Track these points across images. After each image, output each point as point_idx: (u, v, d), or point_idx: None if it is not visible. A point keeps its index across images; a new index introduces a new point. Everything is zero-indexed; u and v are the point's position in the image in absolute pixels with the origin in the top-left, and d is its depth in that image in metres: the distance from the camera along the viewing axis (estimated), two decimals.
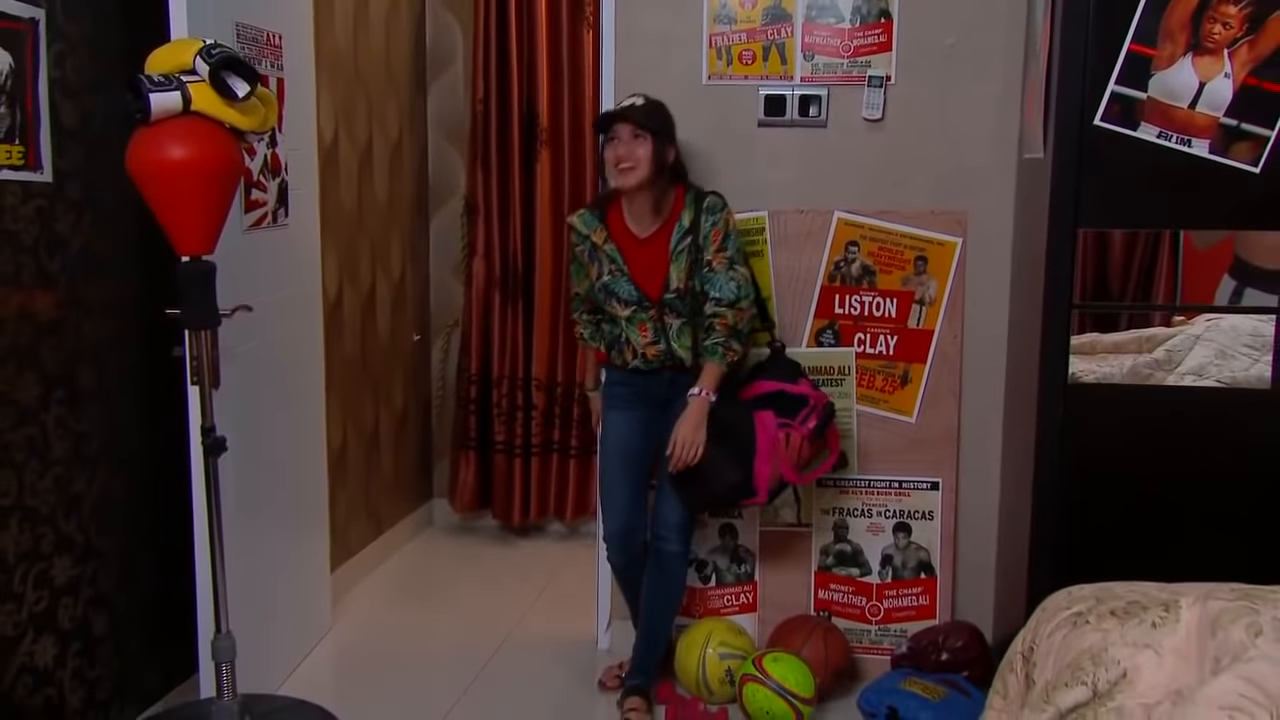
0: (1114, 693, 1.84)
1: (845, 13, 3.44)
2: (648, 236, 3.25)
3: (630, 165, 3.13)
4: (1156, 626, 1.93)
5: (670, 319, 3.24)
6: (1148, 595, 2.12)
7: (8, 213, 2.65)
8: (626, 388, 3.40)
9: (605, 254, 3.27)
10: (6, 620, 2.70)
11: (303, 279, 3.70)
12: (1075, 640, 2.04)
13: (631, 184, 3.14)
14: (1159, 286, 3.53)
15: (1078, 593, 2.27)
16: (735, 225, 3.29)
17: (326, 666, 3.75)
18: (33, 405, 2.76)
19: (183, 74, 2.55)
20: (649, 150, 3.13)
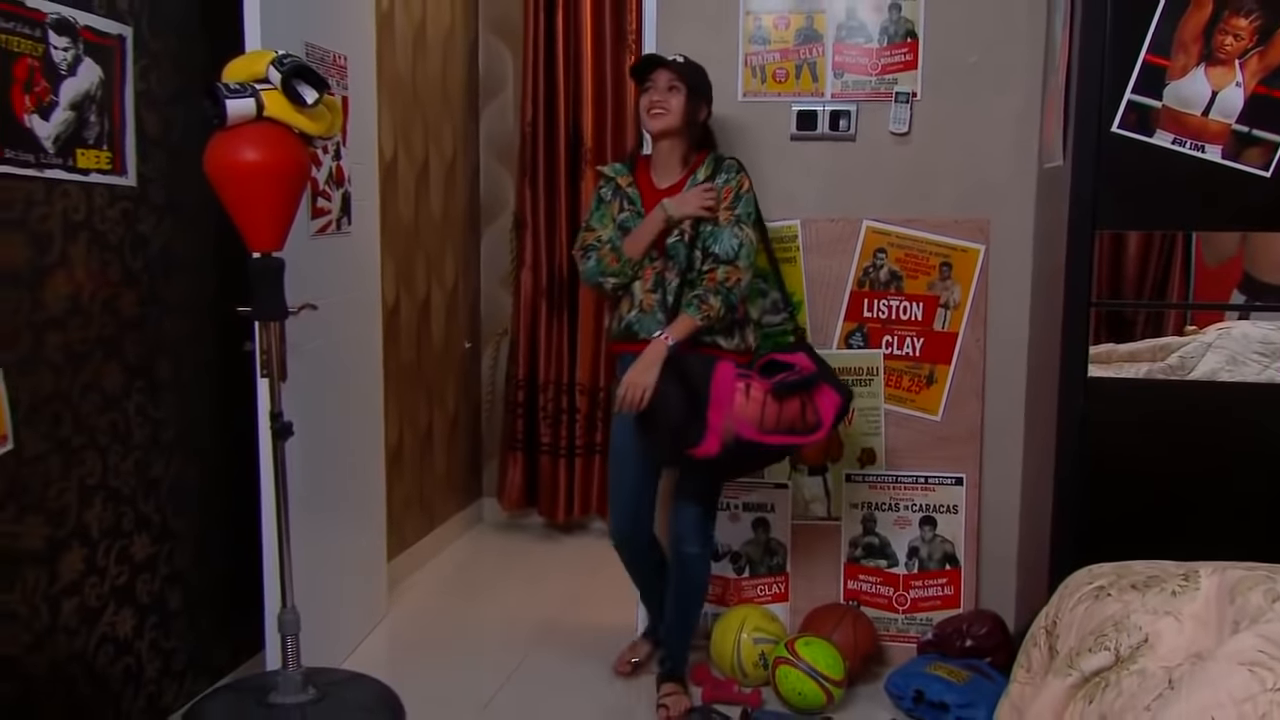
0: (1136, 656, 1.82)
1: (873, 33, 3.44)
2: (666, 187, 3.18)
3: (662, 111, 3.09)
4: (1176, 594, 1.91)
5: (670, 274, 3.12)
6: (1166, 570, 2.10)
7: (96, 213, 2.69)
8: None
9: (626, 195, 3.21)
10: (91, 592, 2.73)
11: (363, 284, 3.72)
12: (1098, 610, 2.02)
13: (659, 128, 3.11)
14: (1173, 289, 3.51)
15: (1098, 570, 2.25)
16: (752, 191, 3.17)
17: (383, 648, 3.75)
18: (116, 394, 2.79)
19: (256, 82, 2.58)
20: (682, 101, 3.09)
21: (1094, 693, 1.81)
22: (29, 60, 2.44)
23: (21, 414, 2.48)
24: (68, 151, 2.57)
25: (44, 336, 2.54)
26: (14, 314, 2.45)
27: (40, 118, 2.48)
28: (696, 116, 3.15)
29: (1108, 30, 2.75)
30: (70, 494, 2.64)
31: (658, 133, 3.14)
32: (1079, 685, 1.86)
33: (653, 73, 3.13)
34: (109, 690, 2.81)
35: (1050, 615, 2.22)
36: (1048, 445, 3.07)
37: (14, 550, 2.48)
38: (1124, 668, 1.80)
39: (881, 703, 3.29)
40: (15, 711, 2.50)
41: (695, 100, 3.13)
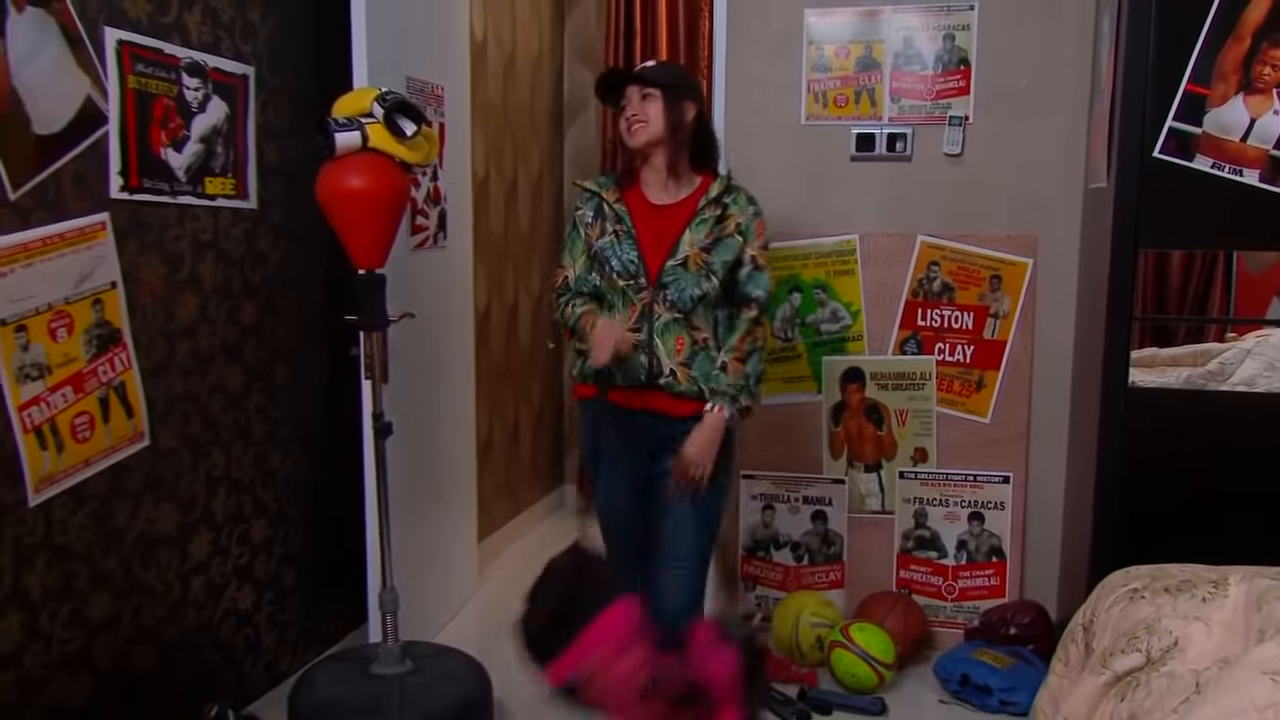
0: (1166, 659, 1.80)
1: (929, 61, 3.41)
2: (664, 205, 2.57)
3: (641, 122, 2.53)
4: (1206, 601, 1.89)
5: (660, 308, 2.50)
6: (1198, 575, 2.07)
7: (221, 234, 2.77)
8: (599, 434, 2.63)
9: (613, 212, 2.57)
10: (216, 571, 2.82)
11: (457, 293, 3.78)
12: (1132, 612, 2.01)
13: (641, 142, 2.53)
14: (1213, 306, 3.43)
15: (1135, 572, 2.23)
16: None
17: (473, 622, 3.80)
18: (238, 394, 2.87)
19: (362, 116, 2.61)
20: (660, 107, 2.52)
21: (1125, 691, 1.80)
22: (165, 100, 2.53)
23: (156, 413, 2.57)
24: (197, 180, 2.65)
25: (176, 344, 2.63)
26: (150, 324, 2.54)
27: (174, 151, 2.57)
28: (681, 118, 2.56)
29: (1150, 61, 2.69)
30: (198, 484, 2.73)
31: (641, 147, 2.56)
32: (1111, 684, 1.85)
33: (622, 91, 2.61)
34: (232, 658, 2.91)
35: (1087, 614, 2.21)
36: (1090, 448, 3.03)
37: (151, 534, 2.58)
38: (1154, 669, 1.79)
39: (930, 684, 3.27)
40: (153, 674, 2.60)
41: (675, 101, 2.55)
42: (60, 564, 2.31)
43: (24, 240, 2.16)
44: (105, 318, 2.39)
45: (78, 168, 2.30)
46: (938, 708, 3.16)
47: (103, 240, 2.37)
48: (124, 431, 2.47)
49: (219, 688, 2.81)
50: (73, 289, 2.30)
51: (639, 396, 2.56)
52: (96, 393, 2.37)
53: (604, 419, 2.62)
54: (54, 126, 2.22)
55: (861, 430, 3.55)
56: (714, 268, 2.50)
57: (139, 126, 2.45)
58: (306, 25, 3.09)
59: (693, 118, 2.59)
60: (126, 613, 2.51)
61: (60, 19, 2.22)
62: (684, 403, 2.53)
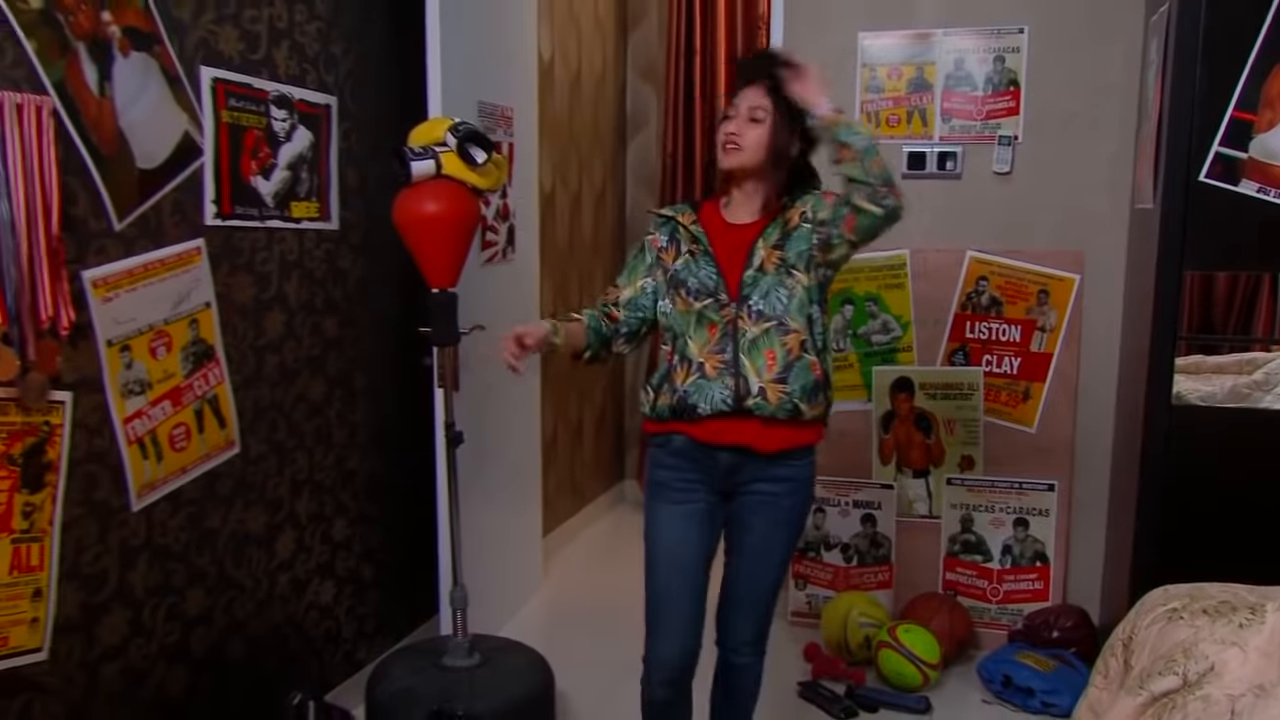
0: (1202, 683, 1.78)
1: (979, 82, 3.38)
2: (741, 224, 2.28)
3: (735, 145, 2.21)
4: (1243, 627, 1.86)
5: (746, 323, 2.20)
6: (1238, 596, 2.04)
7: (306, 254, 2.84)
8: (673, 471, 2.29)
9: (689, 233, 2.29)
10: (300, 567, 2.89)
11: (524, 302, 3.82)
12: (1170, 634, 1.99)
13: (728, 166, 2.23)
14: (1259, 316, 3.37)
15: (1174, 590, 2.19)
16: None
17: (538, 614, 3.85)
18: (320, 402, 2.94)
19: (436, 145, 2.65)
20: (764, 135, 2.19)
21: (1161, 713, 1.79)
22: (255, 131, 2.60)
23: (246, 422, 2.65)
24: (284, 204, 2.72)
25: (264, 358, 2.70)
26: (241, 340, 2.62)
27: (263, 178, 2.64)
28: (786, 151, 2.23)
29: (1197, 87, 2.65)
30: (284, 487, 2.81)
31: (729, 171, 2.26)
32: (1148, 704, 1.83)
33: (737, 95, 2.27)
34: (314, 648, 2.98)
35: (1127, 630, 2.19)
36: (1133, 459, 2.99)
37: (241, 534, 2.66)
38: (1190, 692, 1.77)
39: (973, 684, 3.26)
40: (243, 664, 2.68)
41: (783, 134, 2.21)
42: (160, 563, 2.40)
43: (128, 267, 2.24)
44: (201, 336, 2.47)
45: (176, 198, 2.37)
46: (980, 707, 3.15)
47: (198, 264, 2.44)
48: (217, 440, 2.55)
49: (302, 676, 2.89)
50: (171, 310, 2.38)
51: (721, 428, 2.22)
52: (192, 405, 2.45)
53: (675, 460, 2.29)
54: (155, 161, 2.30)
55: (910, 438, 3.54)
56: (790, 262, 2.21)
57: (231, 157, 2.52)
58: (385, 56, 3.14)
59: (798, 151, 2.27)
60: (219, 607, 2.59)
61: (161, 61, 2.30)
62: (775, 431, 2.22)
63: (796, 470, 2.31)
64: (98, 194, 2.16)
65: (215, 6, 2.45)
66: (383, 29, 3.12)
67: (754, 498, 2.30)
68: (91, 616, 2.22)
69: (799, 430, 2.26)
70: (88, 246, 2.15)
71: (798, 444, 2.28)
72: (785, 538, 2.35)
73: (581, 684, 3.18)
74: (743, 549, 2.35)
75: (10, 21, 1.94)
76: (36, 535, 2.06)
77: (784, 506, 2.31)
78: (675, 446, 2.28)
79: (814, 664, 3.34)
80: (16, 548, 2.03)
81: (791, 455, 2.28)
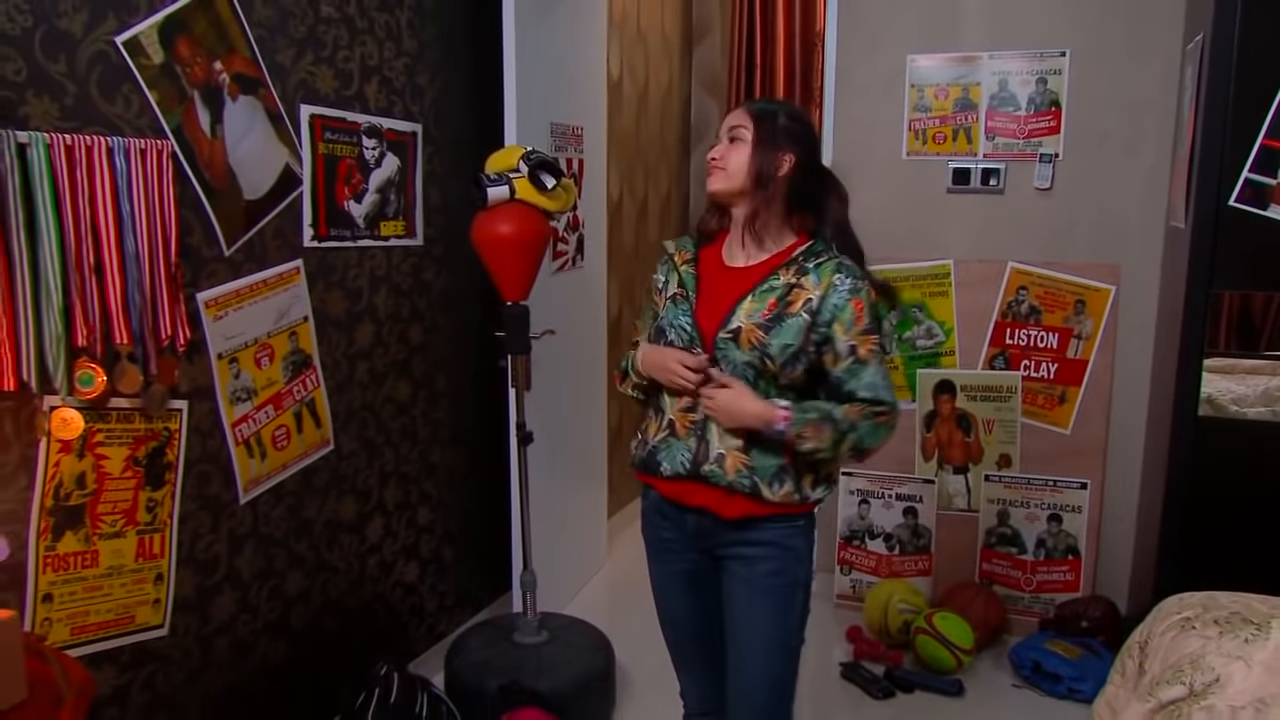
0: (1207, 694, 1.80)
1: (1022, 102, 3.35)
2: (736, 267, 1.93)
3: (719, 169, 1.90)
4: (1249, 642, 1.87)
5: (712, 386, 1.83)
6: (1249, 608, 2.04)
7: (394, 269, 2.93)
8: (653, 527, 2.05)
9: (678, 275, 1.96)
10: (388, 550, 3.00)
11: (592, 307, 3.88)
12: (1181, 643, 2.00)
13: (716, 189, 1.91)
14: None
15: (1189, 599, 2.20)
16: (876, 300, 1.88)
17: (603, 591, 3.93)
18: (406, 403, 3.04)
19: (510, 172, 2.72)
20: (744, 156, 1.87)
21: (1168, 719, 1.81)
22: (348, 160, 2.69)
23: (339, 423, 2.76)
24: (374, 225, 2.82)
25: (355, 364, 2.81)
26: (334, 349, 2.73)
27: (355, 202, 2.74)
28: (770, 170, 1.86)
29: (1229, 116, 2.60)
30: (373, 479, 2.92)
31: (713, 197, 1.95)
32: (1156, 711, 1.85)
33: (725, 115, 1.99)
34: (400, 622, 3.10)
35: (1144, 634, 2.20)
36: (1162, 462, 2.97)
37: (335, 522, 2.78)
38: (1196, 702, 1.79)
39: (1005, 669, 3.27)
40: (337, 637, 2.81)
41: (766, 152, 1.87)
42: (263, 549, 2.53)
43: (235, 288, 2.36)
44: (299, 346, 2.58)
45: (277, 223, 2.47)
46: (1010, 691, 3.16)
47: (297, 283, 2.56)
48: (313, 439, 2.67)
49: (389, 647, 3.01)
50: (273, 324, 2.49)
51: (684, 489, 1.90)
52: (292, 409, 2.57)
53: (654, 515, 2.04)
54: (259, 192, 2.41)
55: (951, 436, 3.55)
56: (770, 351, 1.81)
57: (327, 184, 2.62)
58: (465, 84, 3.21)
59: (789, 169, 1.89)
60: (316, 587, 2.72)
61: (265, 102, 2.40)
62: (734, 499, 1.86)
63: (776, 535, 1.89)
64: (210, 224, 2.27)
65: (313, 50, 2.55)
66: (464, 58, 3.19)
67: (731, 562, 1.93)
68: (205, 597, 2.36)
69: (765, 504, 1.86)
70: (201, 271, 2.27)
71: (767, 514, 1.87)
72: (770, 616, 1.90)
73: (640, 658, 3.24)
74: (729, 629, 1.96)
75: (136, 77, 2.06)
76: (158, 527, 2.20)
77: (760, 572, 1.89)
78: (652, 500, 2.04)
79: (855, 645, 3.38)
80: (141, 538, 2.17)
81: (765, 521, 1.88)
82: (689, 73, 5.06)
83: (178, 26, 2.14)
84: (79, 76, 1.96)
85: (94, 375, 1.98)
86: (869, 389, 1.82)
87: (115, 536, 2.11)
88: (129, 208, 2.01)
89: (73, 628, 2.05)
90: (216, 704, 2.41)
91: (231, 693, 2.45)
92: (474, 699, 2.73)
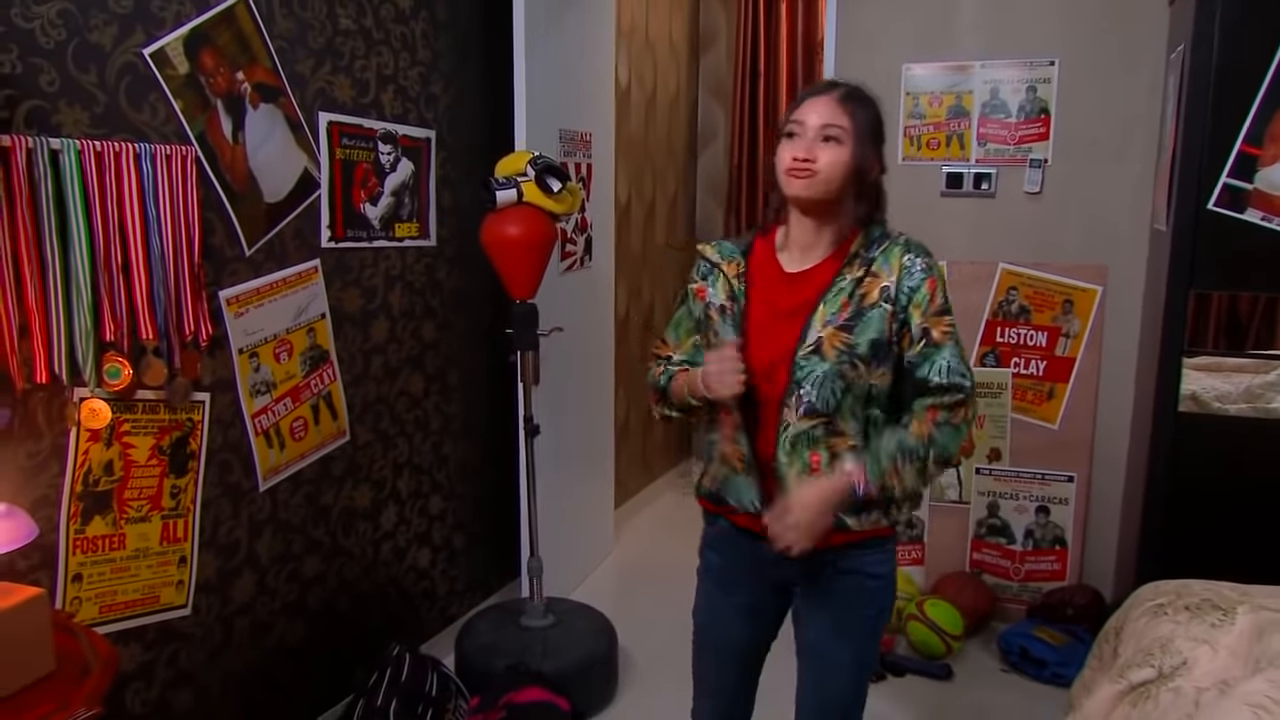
0: (1174, 676, 1.82)
1: (1013, 110, 3.36)
2: (799, 271, 1.70)
3: (808, 173, 1.61)
4: (1215, 627, 1.89)
5: (789, 413, 1.64)
6: (1220, 595, 2.06)
7: (409, 268, 2.97)
8: (719, 554, 1.86)
9: (729, 288, 1.73)
10: (401, 536, 3.04)
11: (600, 305, 3.91)
12: (1153, 628, 2.02)
13: (802, 194, 1.63)
14: None
15: (1163, 586, 2.22)
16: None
17: (609, 578, 3.96)
18: (419, 396, 3.08)
19: (517, 176, 2.76)
20: (844, 154, 1.61)
21: (1137, 700, 1.83)
22: (364, 165, 2.74)
23: (355, 414, 2.80)
24: (389, 226, 2.86)
25: (370, 359, 2.86)
26: (350, 344, 2.77)
27: (371, 205, 2.78)
28: (869, 175, 1.65)
29: (1208, 123, 2.61)
30: (387, 469, 2.96)
31: (800, 202, 1.66)
32: (1126, 692, 1.88)
33: (800, 108, 1.66)
34: (413, 605, 3.15)
35: (1120, 620, 2.22)
36: (1145, 456, 2.98)
37: (351, 509, 2.82)
38: (1164, 684, 1.81)
39: (993, 654, 3.29)
40: (352, 619, 2.85)
41: (866, 155, 1.63)
42: (282, 535, 2.57)
43: (256, 286, 2.41)
44: (317, 342, 2.63)
45: (296, 225, 2.52)
46: (997, 675, 3.19)
47: (315, 281, 2.60)
48: (330, 430, 2.71)
49: (402, 629, 3.05)
50: (292, 321, 2.54)
51: (760, 521, 1.69)
52: (310, 402, 2.62)
53: (720, 543, 1.85)
54: (279, 195, 2.45)
55: None
56: (859, 351, 1.62)
57: (344, 188, 2.67)
58: (478, 91, 3.24)
59: (875, 177, 1.69)
60: (332, 571, 2.76)
61: (285, 110, 2.45)
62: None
63: (861, 563, 1.72)
64: (232, 226, 2.32)
65: (332, 60, 2.59)
66: (476, 67, 3.23)
67: (810, 590, 1.78)
68: (226, 579, 2.41)
69: (851, 533, 1.69)
70: (223, 270, 2.31)
71: (853, 540, 1.70)
72: (852, 640, 1.77)
73: (643, 641, 3.29)
74: (804, 649, 1.83)
75: (162, 86, 2.11)
76: (182, 513, 2.25)
77: (844, 602, 1.74)
78: (720, 529, 1.83)
79: None
80: (166, 523, 2.22)
81: (851, 548, 1.71)
82: (696, 80, 5.08)
83: (202, 39, 2.19)
84: (108, 86, 2.01)
85: (121, 369, 2.03)
86: (941, 372, 1.62)
87: (141, 521, 2.16)
88: (155, 210, 2.06)
89: (101, 606, 2.10)
90: (237, 681, 2.46)
91: (251, 670, 2.50)
92: (482, 678, 2.77)
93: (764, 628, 1.89)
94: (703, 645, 1.92)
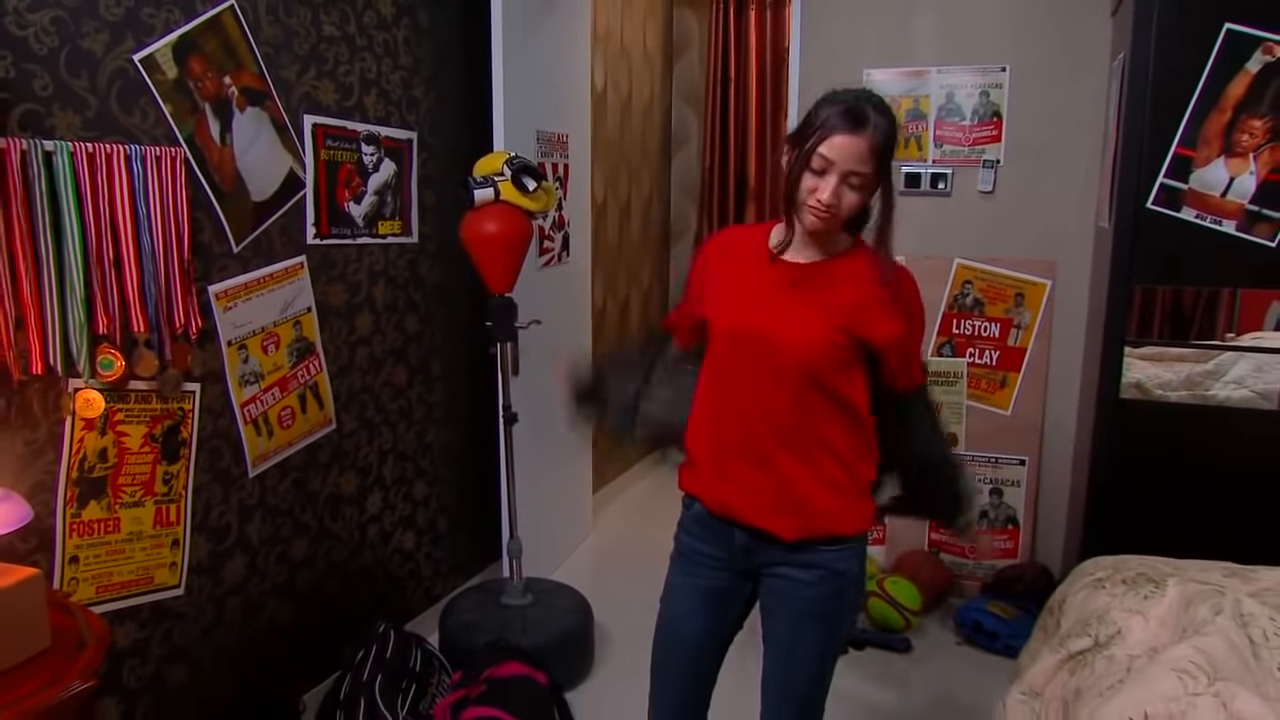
0: (1109, 644, 1.87)
1: (967, 114, 3.40)
2: (802, 262, 1.71)
3: (828, 215, 1.61)
4: (1147, 598, 1.94)
5: None
6: (1154, 569, 2.11)
7: (391, 264, 2.98)
8: (691, 538, 1.83)
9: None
10: (386, 520, 3.06)
11: (577, 299, 3.93)
12: (1091, 600, 2.07)
13: (819, 229, 1.65)
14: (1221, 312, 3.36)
15: (1103, 561, 2.27)
16: None
17: (587, 560, 3.99)
18: (403, 386, 3.09)
19: (495, 175, 2.77)
20: (858, 202, 1.63)
21: (1075, 668, 1.88)
22: (348, 165, 2.75)
23: (341, 404, 2.81)
24: (372, 224, 2.87)
25: (355, 350, 2.87)
26: (336, 337, 2.78)
27: (354, 203, 2.79)
28: (869, 210, 1.71)
29: (1146, 127, 2.66)
30: (372, 456, 2.98)
31: (815, 233, 1.68)
32: (1065, 660, 1.92)
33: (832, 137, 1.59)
34: (398, 585, 3.16)
35: (1063, 592, 2.27)
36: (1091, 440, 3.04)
37: (337, 495, 2.83)
38: (1099, 652, 1.86)
39: (949, 628, 3.36)
40: (339, 599, 2.86)
41: (873, 192, 1.66)
42: (271, 519, 2.59)
43: (244, 281, 2.42)
44: (303, 334, 2.64)
45: (282, 223, 2.53)
46: (953, 648, 3.25)
47: (301, 276, 2.61)
48: (317, 419, 2.72)
49: (388, 608, 3.07)
50: (279, 314, 2.55)
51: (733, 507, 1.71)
52: (297, 392, 2.63)
53: (695, 526, 1.82)
54: (265, 195, 2.46)
55: None
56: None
57: (328, 187, 2.68)
58: (458, 94, 3.25)
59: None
60: (320, 554, 2.77)
61: (271, 113, 2.46)
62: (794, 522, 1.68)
63: (830, 558, 1.69)
64: (220, 223, 2.33)
65: (316, 65, 2.60)
66: (456, 72, 3.24)
67: (778, 581, 1.74)
68: (217, 561, 2.42)
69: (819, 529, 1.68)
70: (212, 266, 2.32)
71: (825, 537, 1.68)
72: (818, 633, 1.74)
73: (619, 618, 3.32)
74: (770, 638, 1.78)
75: (152, 91, 2.11)
76: (174, 498, 2.27)
77: (809, 597, 1.71)
78: (695, 512, 1.81)
79: None
80: (159, 508, 2.23)
81: (821, 543, 1.69)
82: (670, 85, 5.10)
83: (190, 45, 2.19)
84: (100, 91, 2.01)
85: (114, 360, 2.04)
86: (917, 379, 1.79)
87: (135, 505, 2.17)
88: (145, 209, 2.07)
89: (98, 586, 2.11)
90: (230, 657, 2.47)
91: (243, 647, 2.51)
92: (464, 654, 2.79)
93: (727, 615, 1.83)
94: (659, 629, 1.86)
